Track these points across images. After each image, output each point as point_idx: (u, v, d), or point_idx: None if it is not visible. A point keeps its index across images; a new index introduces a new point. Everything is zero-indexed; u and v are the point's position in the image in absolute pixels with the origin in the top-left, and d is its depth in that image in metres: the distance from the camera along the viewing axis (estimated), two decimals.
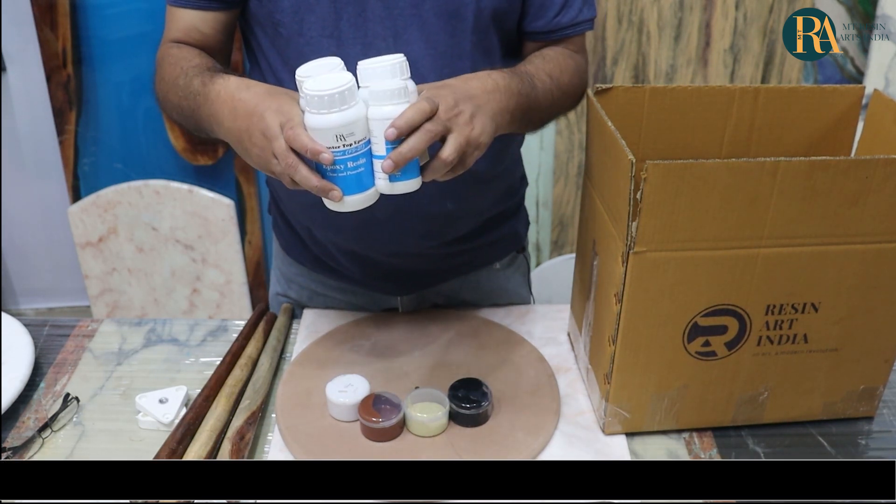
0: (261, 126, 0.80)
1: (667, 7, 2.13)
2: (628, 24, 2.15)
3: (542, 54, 1.06)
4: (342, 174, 0.77)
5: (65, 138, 2.20)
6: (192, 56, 0.99)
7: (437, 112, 0.79)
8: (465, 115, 0.83)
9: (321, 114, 0.74)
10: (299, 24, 0.98)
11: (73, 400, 1.05)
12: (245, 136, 0.82)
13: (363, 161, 0.77)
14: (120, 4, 2.07)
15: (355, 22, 0.98)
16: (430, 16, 0.98)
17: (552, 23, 1.05)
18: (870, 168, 0.84)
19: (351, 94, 0.75)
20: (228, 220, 2.13)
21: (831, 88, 1.04)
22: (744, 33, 2.17)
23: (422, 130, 0.78)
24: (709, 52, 2.19)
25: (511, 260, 1.31)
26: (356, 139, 0.76)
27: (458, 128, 0.82)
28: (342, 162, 0.75)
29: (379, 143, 0.77)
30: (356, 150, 0.76)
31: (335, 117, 0.75)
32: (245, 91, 0.84)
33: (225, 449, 0.94)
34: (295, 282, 1.29)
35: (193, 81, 0.91)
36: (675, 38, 2.17)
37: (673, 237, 0.87)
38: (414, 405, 1.00)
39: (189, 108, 0.93)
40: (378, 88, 0.76)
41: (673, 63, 2.20)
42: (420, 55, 0.99)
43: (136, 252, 2.18)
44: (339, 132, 0.75)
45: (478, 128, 0.84)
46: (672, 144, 1.05)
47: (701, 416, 1.01)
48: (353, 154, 0.76)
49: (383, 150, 0.77)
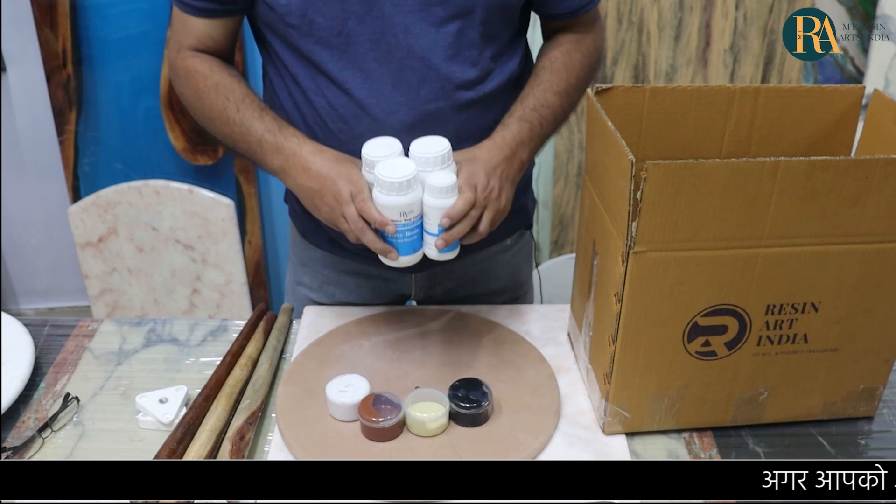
0: (333, 190, 0.97)
1: (667, 7, 2.13)
2: (628, 24, 2.15)
3: (550, 66, 1.11)
4: (400, 240, 0.96)
5: (65, 138, 2.20)
6: (232, 83, 1.08)
7: (477, 196, 0.96)
8: (495, 191, 0.99)
9: (390, 195, 0.93)
10: (308, 25, 1.01)
11: (73, 400, 1.05)
12: (317, 195, 0.99)
13: (416, 231, 0.96)
14: (120, 4, 2.07)
15: (363, 20, 1.00)
16: (438, 10, 1.01)
17: (577, 3, 1.11)
18: (870, 168, 0.84)
19: (414, 182, 0.94)
20: (228, 220, 2.13)
21: (831, 88, 1.04)
22: (744, 33, 2.16)
23: (468, 218, 0.96)
24: (709, 52, 2.19)
25: (519, 237, 1.33)
26: (413, 215, 0.95)
27: (492, 204, 0.99)
28: (401, 232, 0.95)
29: (431, 223, 0.96)
30: (412, 223, 0.95)
31: (400, 199, 0.93)
32: (318, 155, 1.00)
33: (225, 449, 0.94)
34: (310, 266, 1.30)
35: (255, 125, 1.04)
36: (675, 38, 2.17)
37: (673, 237, 0.87)
38: (414, 405, 1.00)
39: (246, 146, 1.05)
40: (433, 184, 0.94)
41: (673, 63, 2.20)
42: (430, 46, 1.02)
43: (136, 252, 2.18)
44: (402, 210, 0.93)
45: (504, 199, 1.01)
46: (672, 144, 1.05)
47: (701, 416, 1.01)
48: (410, 227, 0.95)
49: (435, 229, 0.96)
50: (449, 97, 1.06)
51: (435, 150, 0.96)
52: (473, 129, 1.10)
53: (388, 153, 0.96)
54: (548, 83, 1.10)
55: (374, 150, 0.97)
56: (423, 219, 0.97)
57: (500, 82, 1.10)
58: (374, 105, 1.05)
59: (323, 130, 1.09)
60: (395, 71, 1.04)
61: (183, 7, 1.06)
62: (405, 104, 1.05)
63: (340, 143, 1.09)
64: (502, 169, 1.02)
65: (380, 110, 1.05)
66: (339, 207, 0.97)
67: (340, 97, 1.06)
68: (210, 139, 2.15)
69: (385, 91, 1.05)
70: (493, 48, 1.08)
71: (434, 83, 1.05)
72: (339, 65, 1.04)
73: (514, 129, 1.06)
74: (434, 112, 1.06)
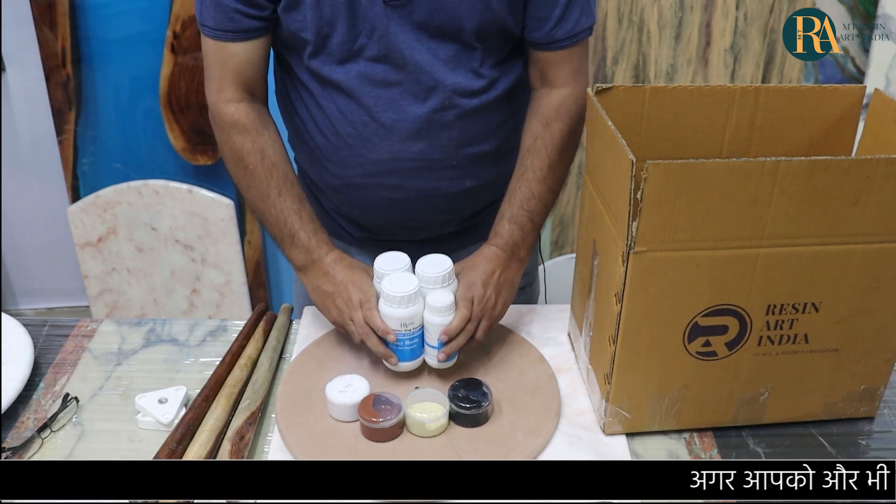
0: (345, 295, 1.06)
1: (667, 7, 2.13)
2: (628, 24, 2.15)
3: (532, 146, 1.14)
4: (400, 348, 1.04)
5: (64, 138, 2.19)
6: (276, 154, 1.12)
7: (473, 310, 1.05)
8: (491, 300, 1.08)
9: (392, 307, 1.02)
10: (323, 42, 1.06)
11: (72, 400, 1.05)
12: (329, 297, 1.08)
13: (417, 341, 1.04)
14: (119, 4, 2.06)
15: (372, 37, 1.05)
16: (436, 33, 1.05)
17: (548, 35, 1.10)
18: (870, 168, 0.84)
19: (416, 297, 1.02)
20: (228, 220, 2.13)
21: (832, 88, 1.04)
22: (744, 33, 2.16)
23: (464, 332, 1.04)
24: (709, 51, 2.19)
25: None
26: (414, 326, 1.03)
27: (487, 313, 1.07)
28: (402, 340, 1.03)
29: (431, 337, 1.04)
30: (413, 334, 1.04)
31: (402, 311, 1.02)
32: (338, 263, 1.10)
33: (225, 449, 0.94)
34: None
35: (293, 219, 1.11)
36: (675, 37, 2.17)
37: (673, 237, 0.86)
38: (414, 405, 0.99)
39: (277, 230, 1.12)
40: (432, 303, 1.03)
41: (673, 63, 2.20)
42: (431, 62, 1.07)
43: (135, 252, 2.18)
44: (403, 322, 1.02)
45: (500, 307, 1.09)
46: (672, 144, 1.05)
47: (701, 417, 1.01)
48: (410, 336, 1.03)
49: (434, 342, 1.04)
50: (454, 105, 1.10)
51: (437, 269, 1.05)
52: (478, 133, 1.15)
53: (397, 267, 1.06)
54: (531, 171, 1.13)
55: (385, 263, 1.07)
56: (423, 331, 1.05)
57: (505, 88, 1.14)
58: (381, 112, 1.10)
59: (333, 135, 1.14)
60: (402, 81, 1.08)
61: (222, 35, 1.07)
62: (412, 112, 1.10)
63: (348, 146, 1.14)
64: (499, 274, 1.10)
65: (387, 117, 1.10)
66: (347, 311, 1.06)
67: (349, 104, 1.10)
68: (210, 139, 2.15)
69: (392, 99, 1.09)
70: (494, 58, 1.11)
71: (440, 93, 1.09)
72: (349, 75, 1.08)
73: (507, 235, 1.12)
74: (439, 119, 1.11)
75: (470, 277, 1.08)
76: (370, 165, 1.15)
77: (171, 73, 2.07)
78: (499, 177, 1.21)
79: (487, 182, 1.22)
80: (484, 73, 1.10)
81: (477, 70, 1.10)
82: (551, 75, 1.14)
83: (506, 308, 1.11)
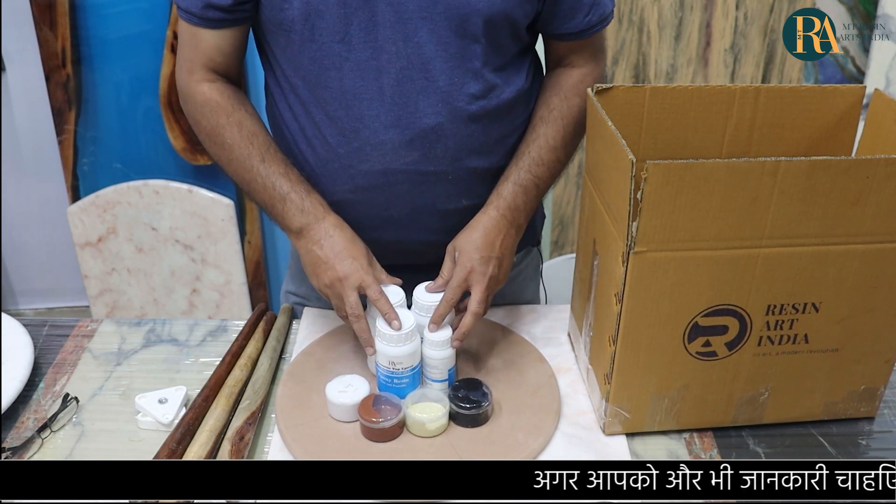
0: (342, 268, 1.02)
1: (667, 7, 2.13)
2: (628, 24, 2.15)
3: (547, 116, 1.11)
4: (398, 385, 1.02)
5: (64, 138, 2.19)
6: (254, 126, 1.09)
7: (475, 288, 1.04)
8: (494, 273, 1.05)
9: (389, 345, 0.99)
10: (311, 31, 1.01)
11: (72, 400, 1.05)
12: (323, 265, 1.03)
13: (407, 381, 1.02)
14: (119, 4, 2.06)
15: (365, 27, 1.00)
16: (440, 20, 1.00)
17: (583, 23, 1.09)
18: (870, 168, 0.84)
19: (412, 334, 1.00)
20: (228, 220, 2.13)
21: (832, 88, 1.04)
22: (744, 33, 2.16)
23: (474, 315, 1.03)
24: (709, 51, 2.19)
25: (526, 254, 1.33)
26: (404, 367, 1.01)
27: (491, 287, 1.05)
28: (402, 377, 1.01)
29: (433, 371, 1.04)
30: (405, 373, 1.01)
31: (396, 350, 1.00)
32: (338, 230, 1.05)
33: (225, 449, 0.94)
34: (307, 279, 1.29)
35: (281, 182, 1.06)
36: (675, 37, 2.17)
37: (673, 237, 0.86)
38: (414, 405, 0.99)
39: (266, 198, 1.07)
40: (433, 338, 1.02)
41: (673, 63, 2.20)
42: (432, 56, 1.02)
43: (135, 252, 2.18)
44: (399, 360, 1.00)
45: (501, 277, 1.07)
46: (672, 144, 1.05)
47: (701, 417, 1.01)
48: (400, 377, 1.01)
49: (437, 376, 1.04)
50: (449, 112, 1.05)
51: (434, 298, 1.04)
52: (476, 145, 1.09)
53: (393, 302, 1.02)
54: (543, 138, 1.10)
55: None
56: (421, 367, 1.04)
57: (506, 98, 1.08)
58: (372, 118, 1.05)
59: (322, 143, 1.09)
60: (394, 83, 1.03)
61: (194, 20, 1.05)
62: (404, 118, 1.05)
63: (338, 157, 1.08)
64: (499, 245, 1.07)
65: (378, 123, 1.05)
66: (340, 286, 1.02)
67: (339, 110, 1.05)
68: None
69: (384, 103, 1.04)
70: (497, 62, 1.06)
71: (433, 96, 1.04)
72: (340, 73, 1.03)
73: (509, 197, 1.08)
74: (434, 127, 1.05)
75: (469, 254, 1.05)
76: (361, 178, 1.09)
77: (171, 73, 2.07)
78: None
79: (485, 201, 1.12)
80: (485, 75, 1.05)
81: (479, 71, 1.04)
82: (573, 58, 1.13)
83: (506, 277, 1.09)
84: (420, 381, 1.05)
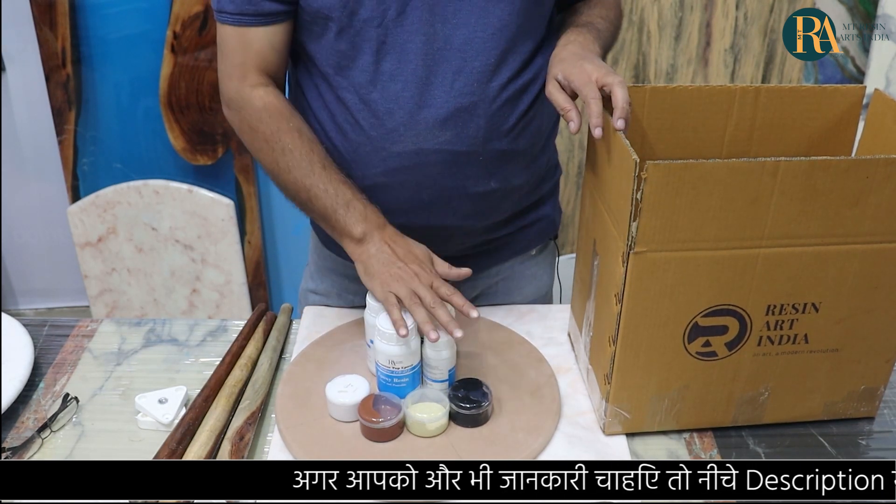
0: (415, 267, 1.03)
1: (667, 6, 2.13)
2: (629, 24, 2.15)
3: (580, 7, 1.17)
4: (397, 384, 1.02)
5: (64, 138, 2.20)
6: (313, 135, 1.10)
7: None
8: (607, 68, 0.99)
9: (389, 344, 0.99)
10: (349, 17, 1.03)
11: (72, 400, 1.05)
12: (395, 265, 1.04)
13: (406, 380, 1.02)
14: (119, 4, 2.06)
15: (403, 9, 1.02)
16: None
17: None
18: (870, 168, 0.84)
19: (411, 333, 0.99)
20: (228, 220, 2.13)
21: (832, 88, 1.04)
22: (744, 33, 2.16)
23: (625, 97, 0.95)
24: (709, 51, 2.19)
25: (544, 247, 1.34)
26: (403, 365, 1.01)
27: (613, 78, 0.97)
28: (401, 377, 1.01)
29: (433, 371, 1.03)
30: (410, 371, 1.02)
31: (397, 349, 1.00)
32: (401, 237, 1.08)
33: (225, 449, 0.94)
34: (331, 273, 1.30)
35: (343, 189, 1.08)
36: (675, 37, 2.17)
37: (673, 237, 0.86)
38: (414, 405, 0.99)
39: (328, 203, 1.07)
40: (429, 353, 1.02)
41: (673, 63, 2.20)
42: (471, 35, 1.04)
43: (135, 252, 2.18)
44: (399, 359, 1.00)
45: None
46: (672, 144, 1.05)
47: (701, 417, 1.01)
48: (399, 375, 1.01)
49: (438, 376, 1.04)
50: (483, 91, 1.07)
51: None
52: (502, 124, 1.11)
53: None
54: (598, 9, 1.16)
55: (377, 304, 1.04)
56: (421, 366, 1.04)
57: (531, 78, 1.11)
58: (407, 98, 1.06)
59: (353, 127, 1.10)
60: (431, 63, 1.05)
61: (245, 20, 1.05)
62: (439, 97, 1.07)
63: (370, 140, 1.10)
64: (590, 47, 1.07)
65: (413, 104, 1.07)
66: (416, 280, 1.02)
67: (373, 92, 1.07)
68: (209, 139, 2.15)
69: (419, 83, 1.06)
70: (529, 44, 1.09)
71: (469, 76, 1.06)
72: (375, 56, 1.05)
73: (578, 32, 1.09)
74: (467, 106, 1.07)
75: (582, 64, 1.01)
76: (393, 160, 1.11)
77: (171, 73, 2.07)
78: (525, 182, 1.19)
79: (513, 186, 1.18)
80: (518, 56, 1.08)
81: (512, 52, 1.07)
82: None
83: None
84: (420, 381, 1.05)
